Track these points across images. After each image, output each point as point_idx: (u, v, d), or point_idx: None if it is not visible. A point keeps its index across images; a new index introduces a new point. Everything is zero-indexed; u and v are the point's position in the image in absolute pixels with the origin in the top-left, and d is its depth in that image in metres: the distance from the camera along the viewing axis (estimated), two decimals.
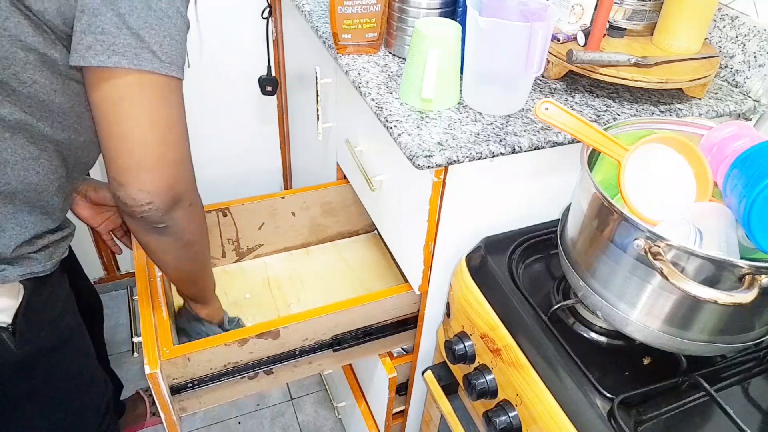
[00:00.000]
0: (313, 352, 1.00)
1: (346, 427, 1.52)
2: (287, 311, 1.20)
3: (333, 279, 1.28)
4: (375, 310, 1.00)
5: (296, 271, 1.29)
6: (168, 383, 0.89)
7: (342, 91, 1.12)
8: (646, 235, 0.61)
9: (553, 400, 0.70)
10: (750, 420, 0.68)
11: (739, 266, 0.58)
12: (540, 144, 0.83)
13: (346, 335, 1.01)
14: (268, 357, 0.96)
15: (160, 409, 0.89)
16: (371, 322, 1.01)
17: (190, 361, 0.88)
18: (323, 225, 1.32)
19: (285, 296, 1.23)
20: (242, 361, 0.94)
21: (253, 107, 1.64)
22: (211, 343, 0.89)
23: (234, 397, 0.99)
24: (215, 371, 0.92)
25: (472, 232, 0.92)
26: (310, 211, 1.28)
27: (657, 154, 0.72)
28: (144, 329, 0.88)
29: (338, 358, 1.04)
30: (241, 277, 1.26)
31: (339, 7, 0.94)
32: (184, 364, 0.88)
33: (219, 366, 0.92)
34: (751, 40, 0.98)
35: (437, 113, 0.87)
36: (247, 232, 1.24)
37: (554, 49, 0.95)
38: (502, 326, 0.79)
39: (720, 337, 0.66)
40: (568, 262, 0.75)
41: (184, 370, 0.89)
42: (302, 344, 0.97)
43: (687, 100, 0.96)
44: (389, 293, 1.00)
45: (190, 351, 0.88)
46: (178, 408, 0.94)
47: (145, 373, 0.82)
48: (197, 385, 0.93)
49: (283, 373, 1.00)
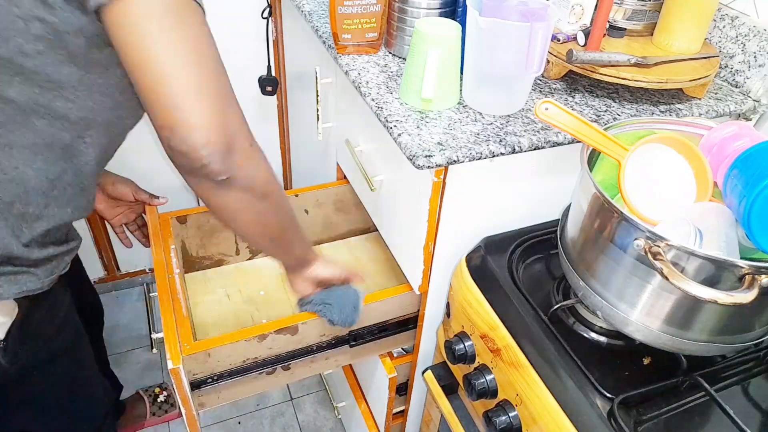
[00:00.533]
0: (330, 347, 1.01)
1: (346, 427, 1.52)
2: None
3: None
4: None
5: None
6: (189, 378, 0.90)
7: (342, 91, 1.11)
8: (646, 235, 0.61)
9: (553, 400, 0.70)
10: (750, 420, 0.68)
11: (739, 266, 0.58)
12: (540, 144, 0.83)
13: (362, 331, 1.01)
14: (286, 352, 0.96)
15: (181, 404, 0.89)
16: (374, 321, 1.02)
17: (211, 357, 0.89)
18: (335, 222, 1.33)
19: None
20: (261, 357, 0.94)
21: (253, 107, 1.64)
22: (231, 338, 0.90)
23: (251, 393, 0.99)
24: (234, 366, 0.93)
25: (472, 232, 0.92)
26: (323, 209, 1.29)
27: (657, 154, 0.72)
28: (165, 325, 0.88)
29: (353, 353, 1.04)
30: (255, 275, 1.27)
31: (339, 7, 0.94)
32: (204, 359, 0.89)
33: (238, 361, 0.93)
34: (751, 40, 0.98)
35: (437, 113, 0.87)
36: None
37: (554, 49, 0.95)
38: (502, 326, 0.79)
39: (720, 337, 0.66)
40: (568, 262, 0.75)
41: (204, 365, 0.90)
42: (319, 340, 0.98)
43: (687, 100, 0.96)
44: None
45: (210, 346, 0.88)
46: (197, 403, 0.95)
47: (168, 368, 0.82)
48: (217, 380, 0.94)
49: (300, 369, 1.01)
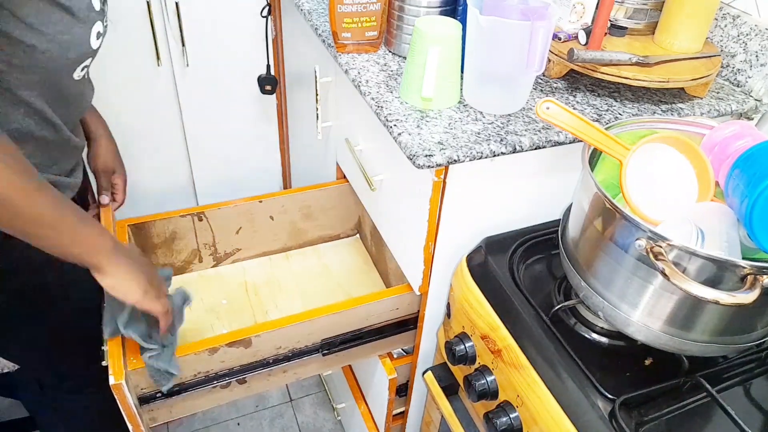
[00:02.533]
0: (299, 357, 0.97)
1: (345, 428, 1.51)
2: (264, 318, 1.17)
3: (312, 284, 1.25)
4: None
5: (275, 276, 1.27)
6: (136, 393, 0.87)
7: (342, 90, 1.11)
8: (648, 235, 0.61)
9: (554, 401, 0.69)
10: (752, 421, 0.68)
11: (741, 266, 0.58)
12: (541, 143, 0.83)
13: (336, 339, 0.98)
14: (240, 366, 0.93)
15: (127, 420, 0.85)
16: (370, 323, 1.01)
17: None
18: (303, 229, 1.30)
19: (263, 302, 1.21)
20: (213, 370, 0.91)
21: (253, 106, 1.63)
22: (180, 352, 0.86)
23: (206, 407, 0.96)
24: (185, 381, 0.90)
25: (473, 232, 0.91)
26: (289, 215, 1.26)
27: (659, 153, 0.72)
28: (110, 339, 0.84)
29: (327, 362, 1.01)
30: (219, 283, 1.24)
31: (339, 6, 0.93)
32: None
33: (189, 375, 0.89)
34: (753, 39, 0.97)
35: (437, 112, 0.87)
36: (224, 236, 1.23)
37: (555, 48, 0.94)
38: (503, 327, 0.79)
39: (722, 337, 0.66)
40: (569, 263, 0.75)
41: (151, 379, 0.86)
42: (276, 353, 0.95)
43: (689, 99, 0.96)
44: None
45: None
46: (148, 418, 0.92)
47: (110, 383, 0.78)
48: (166, 395, 0.90)
49: (256, 383, 0.97)
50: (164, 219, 1.14)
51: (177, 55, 1.44)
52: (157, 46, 1.39)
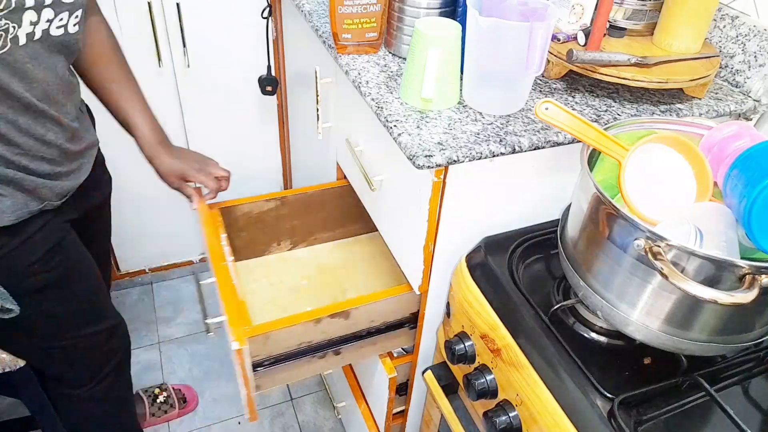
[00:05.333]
0: (380, 333, 1.04)
1: (346, 427, 1.52)
2: (343, 297, 1.24)
3: (380, 266, 1.31)
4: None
5: (347, 260, 1.33)
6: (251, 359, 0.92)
7: (342, 90, 1.11)
8: (647, 235, 0.61)
9: (554, 400, 0.70)
10: (750, 420, 0.68)
11: (739, 266, 0.58)
12: (540, 144, 0.83)
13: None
14: (338, 337, 1.00)
15: (242, 385, 0.93)
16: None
17: (269, 339, 0.92)
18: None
19: (341, 282, 1.28)
20: (315, 341, 0.98)
21: (253, 107, 1.64)
22: (289, 322, 0.93)
23: (303, 377, 1.03)
24: (289, 350, 0.96)
25: (473, 232, 0.92)
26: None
27: (657, 154, 0.72)
28: (228, 308, 0.92)
29: (405, 338, 1.08)
30: (296, 265, 1.31)
31: (339, 7, 0.94)
32: (263, 341, 0.92)
33: (293, 345, 0.96)
34: (752, 40, 0.98)
35: (437, 113, 0.87)
36: (302, 221, 1.29)
37: (554, 48, 0.95)
38: (503, 326, 0.79)
39: (720, 337, 0.66)
40: (568, 262, 0.75)
41: (262, 348, 0.93)
42: (369, 325, 1.01)
43: (687, 99, 0.96)
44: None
45: (269, 329, 0.91)
46: (255, 385, 0.97)
47: (232, 348, 0.86)
48: (273, 363, 0.97)
49: (349, 354, 1.04)
50: (247, 203, 1.20)
51: (178, 56, 1.45)
52: (158, 48, 1.40)
